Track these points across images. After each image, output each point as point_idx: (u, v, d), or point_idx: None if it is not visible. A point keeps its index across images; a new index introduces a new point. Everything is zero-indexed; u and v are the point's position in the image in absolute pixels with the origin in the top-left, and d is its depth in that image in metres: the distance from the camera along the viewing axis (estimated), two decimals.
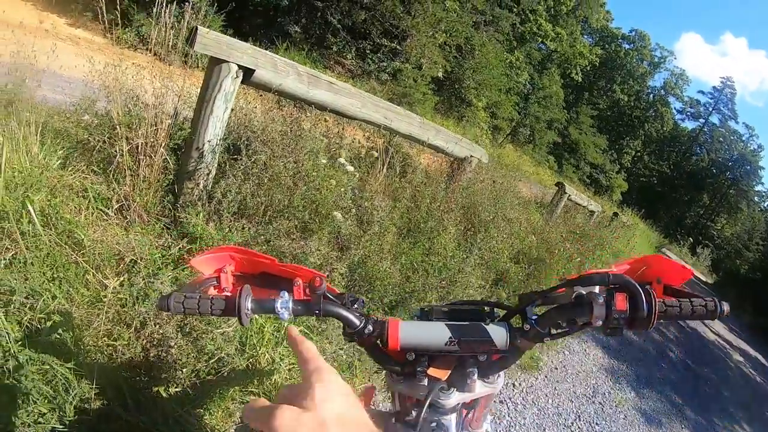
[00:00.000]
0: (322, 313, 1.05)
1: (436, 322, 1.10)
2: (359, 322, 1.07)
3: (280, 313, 1.01)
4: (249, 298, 1.00)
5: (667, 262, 1.11)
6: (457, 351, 1.07)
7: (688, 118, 58.74)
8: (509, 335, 1.06)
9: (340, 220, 3.33)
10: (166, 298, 1.00)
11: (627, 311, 0.94)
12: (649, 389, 5.67)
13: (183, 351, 2.15)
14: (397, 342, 1.07)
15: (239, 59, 2.91)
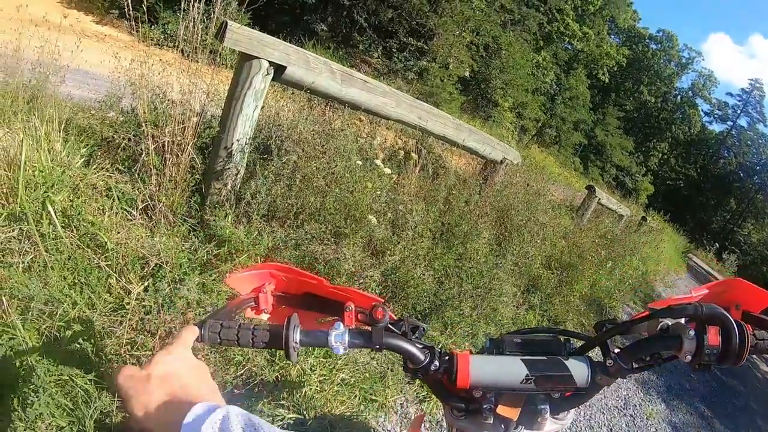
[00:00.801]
0: (383, 347, 0.95)
1: (511, 357, 1.00)
2: (424, 356, 0.97)
3: (334, 348, 0.90)
4: (297, 329, 0.90)
5: (748, 286, 1.06)
6: (534, 390, 0.97)
7: (715, 120, 58.15)
8: (590, 371, 0.97)
9: (374, 224, 3.22)
10: (203, 329, 0.89)
11: (719, 346, 0.87)
12: (679, 401, 5.59)
13: (210, 362, 2.06)
14: (468, 379, 0.96)
15: (270, 55, 2.81)
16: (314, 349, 2.56)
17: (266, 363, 2.28)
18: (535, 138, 31.71)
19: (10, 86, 2.92)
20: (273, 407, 2.30)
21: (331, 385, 2.52)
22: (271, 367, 2.32)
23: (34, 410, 1.71)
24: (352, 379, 2.66)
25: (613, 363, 0.96)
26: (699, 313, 0.89)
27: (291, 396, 2.37)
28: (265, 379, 2.28)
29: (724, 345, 0.87)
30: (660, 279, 11.98)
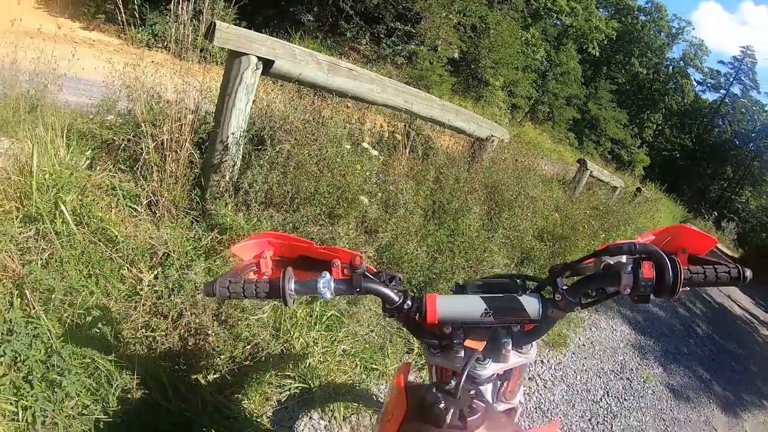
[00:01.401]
0: (363, 291, 1.11)
1: (472, 295, 1.15)
2: (398, 298, 1.14)
3: (322, 293, 1.08)
4: (292, 280, 1.08)
5: (692, 231, 1.13)
6: (492, 322, 1.12)
7: (708, 89, 57.74)
8: (541, 305, 1.11)
9: (366, 204, 3.37)
10: (212, 284, 1.07)
11: (653, 279, 0.95)
12: (677, 365, 5.66)
13: (219, 338, 2.22)
14: (436, 315, 1.11)
15: (258, 51, 2.94)
16: (316, 324, 2.71)
17: (271, 337, 2.42)
18: (528, 115, 31.63)
19: (9, 98, 3.07)
20: (280, 378, 2.46)
21: (334, 356, 2.68)
22: (276, 340, 2.46)
23: (62, 390, 1.87)
24: (352, 350, 2.81)
25: (561, 298, 1.07)
26: (634, 250, 1.00)
27: (296, 367, 2.52)
28: (271, 353, 2.42)
29: (657, 277, 0.96)
30: None
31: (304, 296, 1.04)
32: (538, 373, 3.92)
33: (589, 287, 1.07)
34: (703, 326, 8.02)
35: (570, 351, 4.59)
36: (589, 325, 5.42)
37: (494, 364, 1.14)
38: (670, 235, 1.15)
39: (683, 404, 4.74)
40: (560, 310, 1.09)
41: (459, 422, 0.93)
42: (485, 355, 1.13)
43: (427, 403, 0.96)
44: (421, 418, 0.97)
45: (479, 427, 0.95)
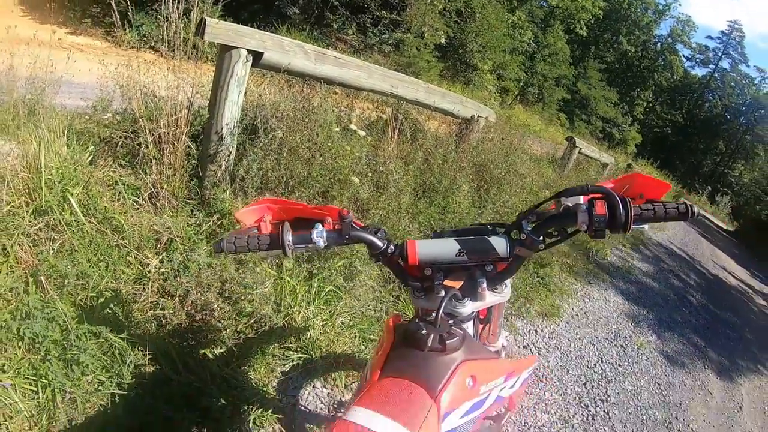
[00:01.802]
0: (351, 239, 1.25)
1: (448, 239, 1.28)
2: (382, 244, 1.27)
3: (316, 241, 1.22)
4: (289, 232, 1.22)
5: (647, 178, 1.21)
6: (466, 261, 1.25)
7: (697, 65, 57.84)
8: (509, 244, 1.23)
9: (358, 184, 3.50)
10: (220, 242, 1.22)
11: (606, 215, 1.06)
12: (671, 333, 5.71)
13: (224, 314, 2.34)
14: (416, 257, 1.25)
15: (248, 44, 3.06)
16: (315, 299, 2.85)
17: (273, 312, 2.55)
18: (518, 98, 31.67)
19: (7, 103, 3.20)
20: (283, 350, 2.59)
21: (333, 328, 2.81)
22: (278, 314, 2.59)
23: (80, 366, 2.00)
24: (351, 323, 2.94)
25: (526, 237, 1.19)
26: (587, 190, 1.13)
27: (298, 340, 2.65)
28: (273, 326, 2.55)
29: (610, 214, 1.06)
30: (650, 223, 12.03)
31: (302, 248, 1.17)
32: (533, 342, 4.01)
33: (551, 226, 1.19)
34: (697, 296, 8.05)
35: (564, 321, 4.67)
36: (582, 297, 5.47)
37: (472, 303, 1.25)
38: (628, 183, 1.22)
39: (678, 370, 4.80)
40: (527, 248, 1.20)
41: (439, 345, 1.06)
42: (463, 294, 1.25)
43: (410, 331, 1.10)
44: (405, 344, 1.10)
45: (458, 350, 1.08)
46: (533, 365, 1.49)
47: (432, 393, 1.00)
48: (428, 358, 1.06)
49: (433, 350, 1.07)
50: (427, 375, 1.03)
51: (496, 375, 1.21)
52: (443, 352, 1.07)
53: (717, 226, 27.56)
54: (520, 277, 4.70)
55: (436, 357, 1.06)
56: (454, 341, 1.08)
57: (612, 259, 7.54)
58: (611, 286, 6.37)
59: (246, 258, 2.62)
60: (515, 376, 1.32)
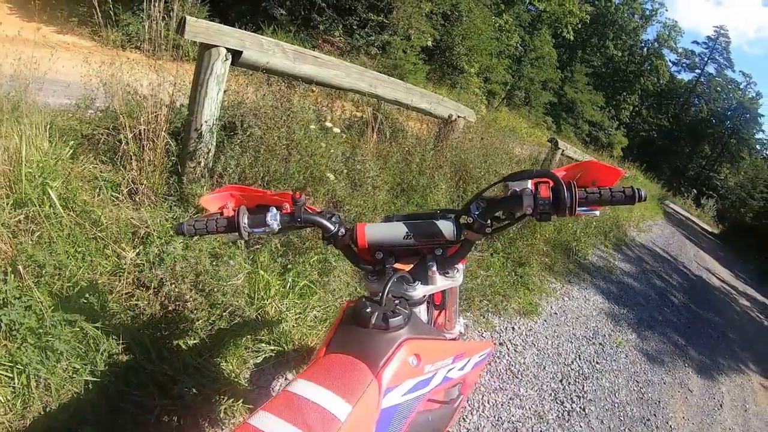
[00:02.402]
0: (303, 221, 1.28)
1: (396, 222, 1.32)
2: (334, 227, 1.30)
3: (270, 224, 1.26)
4: (245, 215, 1.26)
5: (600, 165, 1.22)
6: (414, 244, 1.28)
7: (683, 69, 58.47)
8: (455, 228, 1.27)
9: (333, 180, 3.55)
10: (181, 225, 1.27)
11: (550, 198, 1.08)
12: (651, 331, 5.70)
13: (197, 305, 2.39)
14: (365, 239, 1.29)
15: (227, 43, 3.10)
16: (290, 293, 2.90)
17: (246, 304, 2.60)
18: (504, 101, 31.79)
19: None
20: (255, 342, 2.63)
21: (306, 322, 2.85)
22: (251, 307, 2.64)
23: (55, 353, 2.04)
24: (324, 317, 2.98)
25: (473, 221, 1.21)
26: (533, 174, 1.14)
27: (271, 332, 2.69)
28: (246, 319, 2.60)
29: (554, 197, 1.08)
30: (634, 225, 12.15)
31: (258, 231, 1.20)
32: (509, 339, 4.02)
33: (498, 210, 1.20)
34: (679, 296, 8.07)
35: (542, 318, 4.67)
36: (562, 295, 5.48)
37: (423, 287, 1.29)
38: (581, 170, 1.22)
39: (658, 368, 4.81)
40: (474, 232, 1.22)
41: (383, 323, 1.09)
42: (414, 278, 1.28)
43: (356, 309, 1.13)
44: (351, 321, 1.13)
45: (402, 328, 1.10)
46: (487, 350, 1.49)
47: (374, 369, 1.03)
48: (372, 336, 1.09)
49: (377, 328, 1.09)
50: (369, 351, 1.06)
51: (442, 355, 1.23)
52: (386, 330, 1.09)
53: (702, 228, 27.74)
54: (498, 274, 4.75)
55: (380, 334, 1.09)
56: (398, 319, 1.10)
57: (593, 259, 7.54)
58: (592, 285, 6.36)
59: (220, 251, 2.67)
60: (465, 358, 1.33)
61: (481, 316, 4.11)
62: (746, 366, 6.23)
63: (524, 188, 1.13)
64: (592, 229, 8.16)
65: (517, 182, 1.16)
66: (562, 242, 6.70)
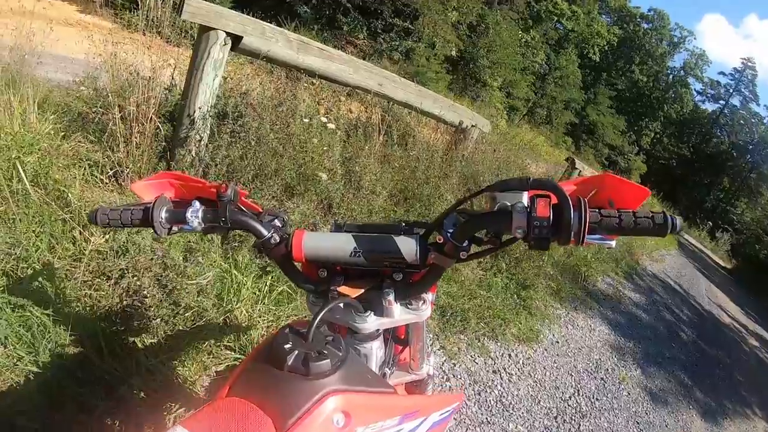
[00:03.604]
0: (230, 222, 1.02)
1: (344, 234, 1.03)
2: (267, 232, 1.03)
3: (190, 221, 1.00)
4: (164, 207, 1.01)
5: (620, 181, 0.91)
6: (364, 264, 1.00)
7: (708, 99, 58.09)
8: (419, 248, 0.98)
9: (325, 180, 3.36)
10: (95, 212, 1.04)
11: (550, 219, 0.81)
12: (657, 368, 5.47)
13: (156, 302, 2.20)
14: (301, 252, 1.01)
15: (227, 26, 2.97)
16: (264, 298, 2.70)
17: (213, 307, 2.42)
18: (525, 117, 31.68)
19: None
20: (220, 348, 2.43)
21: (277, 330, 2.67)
22: (218, 310, 2.46)
23: None
24: None
25: (444, 241, 0.94)
26: (526, 184, 0.85)
27: (238, 339, 2.49)
28: (212, 322, 2.41)
29: (556, 218, 0.80)
30: (647, 254, 11.91)
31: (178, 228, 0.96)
32: (504, 367, 3.78)
33: (478, 229, 0.92)
34: (688, 332, 7.83)
35: (542, 347, 4.41)
36: (566, 323, 5.24)
37: (377, 318, 1.03)
38: (595, 186, 0.93)
39: (660, 408, 4.56)
40: (444, 255, 0.95)
41: (302, 366, 0.82)
42: (366, 306, 1.02)
43: (274, 344, 0.86)
44: (265, 358, 0.87)
45: (328, 375, 0.84)
46: (453, 405, 1.23)
47: (280, 426, 0.77)
48: (286, 381, 0.82)
49: (294, 371, 0.82)
50: (279, 402, 0.80)
51: (384, 414, 0.95)
52: (306, 376, 0.82)
53: (715, 262, 27.48)
54: (498, 296, 4.54)
55: (296, 381, 0.82)
56: (322, 364, 0.83)
57: (602, 287, 7.32)
58: (598, 314, 6.12)
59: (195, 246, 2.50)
60: (419, 418, 1.06)
61: (476, 339, 3.86)
62: (752, 411, 5.96)
63: (517, 203, 0.84)
64: (604, 255, 7.95)
65: (508, 194, 0.86)
66: (570, 266, 6.50)
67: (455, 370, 3.40)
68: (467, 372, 3.44)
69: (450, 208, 0.99)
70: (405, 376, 1.35)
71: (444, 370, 3.34)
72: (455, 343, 3.64)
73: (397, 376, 1.33)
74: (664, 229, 0.80)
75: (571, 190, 0.92)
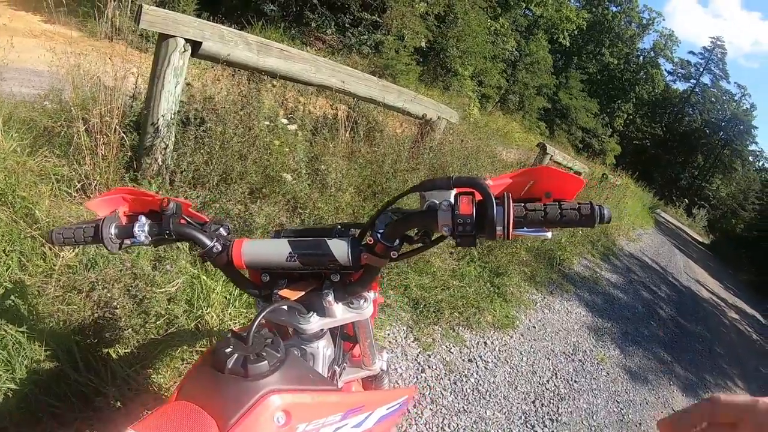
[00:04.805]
0: (174, 234, 1.06)
1: (280, 239, 1.07)
2: (209, 241, 1.07)
3: (137, 236, 1.05)
4: (113, 224, 1.06)
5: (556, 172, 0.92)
6: (300, 267, 1.04)
7: (679, 79, 58.59)
8: (350, 249, 1.01)
9: (290, 181, 3.39)
10: (51, 233, 1.08)
11: (473, 216, 0.83)
12: (636, 347, 5.54)
13: (130, 313, 2.22)
14: (241, 258, 1.05)
15: (185, 33, 2.98)
16: (234, 301, 2.72)
17: (184, 313, 2.44)
18: (498, 105, 31.72)
19: None
20: (192, 354, 2.45)
21: None
22: (188, 316, 2.49)
23: None
24: None
25: (374, 241, 0.96)
26: (449, 183, 0.87)
27: (209, 344, 2.49)
28: (183, 329, 2.43)
29: (479, 214, 0.83)
30: (623, 234, 12.03)
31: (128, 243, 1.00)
32: (480, 355, 3.80)
33: (407, 228, 0.94)
34: (667, 309, 7.93)
35: (518, 333, 4.44)
36: (542, 307, 5.28)
37: (320, 319, 1.08)
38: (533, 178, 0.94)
39: (640, 386, 4.65)
40: (375, 255, 0.98)
41: (241, 369, 0.86)
42: (308, 308, 1.07)
43: (216, 347, 0.91)
44: (210, 362, 0.91)
45: (267, 376, 0.88)
46: (401, 399, 1.27)
47: (223, 426, 0.81)
48: (228, 383, 0.86)
49: (234, 374, 0.87)
50: (222, 403, 0.84)
51: (326, 411, 0.99)
52: (245, 378, 0.86)
53: (693, 238, 27.79)
54: (472, 285, 4.57)
55: (237, 382, 0.86)
56: (261, 365, 0.87)
57: (578, 269, 7.39)
58: (575, 297, 6.15)
59: (164, 254, 2.51)
60: (363, 413, 1.10)
61: (450, 329, 3.89)
62: (733, 383, 6.10)
63: (442, 201, 0.87)
64: (579, 238, 8.02)
65: (436, 192, 0.90)
66: (545, 251, 6.52)
67: (430, 361, 3.43)
68: (442, 362, 3.47)
69: (381, 208, 1.01)
70: (359, 372, 1.40)
71: (419, 362, 3.37)
72: (429, 335, 3.68)
73: (350, 372, 1.37)
74: (591, 220, 0.83)
75: (506, 183, 0.95)
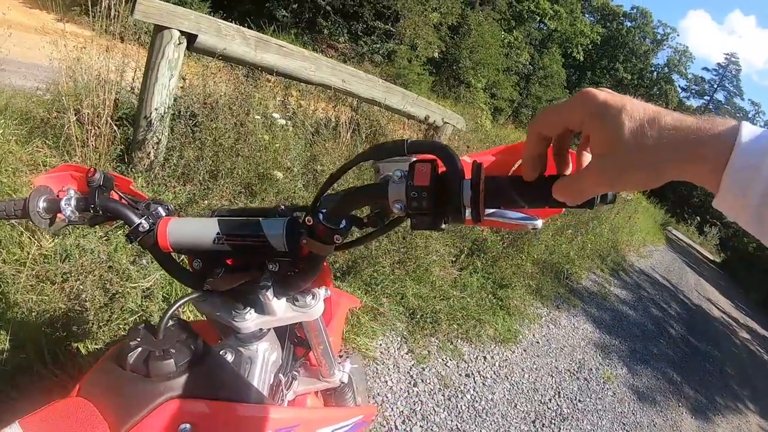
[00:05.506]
0: (101, 210, 0.91)
1: (210, 219, 0.91)
2: (137, 219, 0.91)
3: (64, 211, 0.91)
4: (41, 198, 0.92)
5: None
6: (229, 251, 0.88)
7: (692, 95, 58.39)
8: (286, 230, 0.83)
9: (281, 179, 3.29)
10: None
11: (429, 186, 0.62)
12: (644, 366, 5.34)
13: (103, 308, 2.14)
14: (166, 240, 0.90)
15: (181, 25, 2.92)
16: None
17: (159, 310, 2.35)
18: (510, 118, 31.72)
19: None
20: None
21: None
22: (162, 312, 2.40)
23: None
24: None
25: (313, 221, 0.76)
26: (404, 146, 0.68)
27: None
28: None
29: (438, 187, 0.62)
30: (634, 250, 11.83)
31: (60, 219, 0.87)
32: (478, 370, 3.62)
33: (353, 207, 0.74)
34: (677, 327, 7.72)
35: (521, 348, 4.26)
36: (547, 322, 5.09)
37: (258, 317, 0.92)
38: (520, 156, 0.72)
39: (648, 407, 4.44)
40: (317, 241, 0.78)
41: (143, 366, 0.76)
42: (247, 305, 0.91)
43: (125, 340, 0.79)
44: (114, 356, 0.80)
45: (170, 378, 0.77)
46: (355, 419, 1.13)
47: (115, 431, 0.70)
48: (128, 381, 0.75)
49: (136, 371, 0.76)
50: (118, 404, 0.73)
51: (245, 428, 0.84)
52: (147, 377, 0.75)
53: (704, 256, 27.52)
54: (473, 296, 4.42)
55: (137, 382, 0.75)
56: (165, 364, 0.76)
57: (587, 284, 7.19)
58: (582, 312, 5.96)
59: None
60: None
61: (448, 341, 3.73)
62: (745, 405, 5.90)
63: (396, 170, 0.66)
64: (588, 252, 7.86)
65: (392, 163, 0.71)
66: (553, 264, 6.34)
67: (424, 374, 3.28)
68: (437, 376, 3.32)
69: (326, 183, 0.80)
70: (315, 383, 1.22)
71: (411, 375, 3.22)
72: (425, 347, 3.52)
73: (304, 383, 1.21)
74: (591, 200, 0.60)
75: (489, 161, 0.76)
